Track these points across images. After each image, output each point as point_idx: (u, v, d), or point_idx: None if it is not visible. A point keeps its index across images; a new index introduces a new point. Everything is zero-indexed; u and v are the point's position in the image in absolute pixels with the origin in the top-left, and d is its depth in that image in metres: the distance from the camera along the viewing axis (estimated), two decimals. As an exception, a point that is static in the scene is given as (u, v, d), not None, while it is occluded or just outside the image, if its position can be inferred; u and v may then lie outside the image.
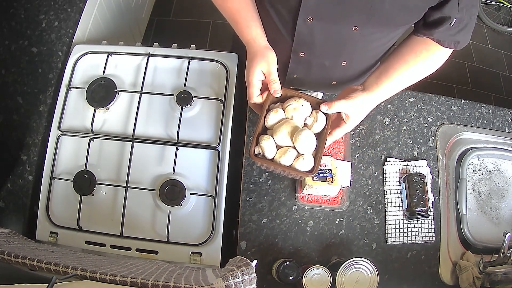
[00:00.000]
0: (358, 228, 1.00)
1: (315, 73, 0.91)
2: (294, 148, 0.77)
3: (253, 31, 0.77)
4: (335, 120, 0.81)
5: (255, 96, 0.76)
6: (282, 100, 0.81)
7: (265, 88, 0.78)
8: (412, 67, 0.79)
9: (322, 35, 0.76)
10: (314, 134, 0.78)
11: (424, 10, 0.70)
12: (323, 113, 0.79)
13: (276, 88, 0.75)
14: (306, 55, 0.83)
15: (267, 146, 0.76)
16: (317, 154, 0.78)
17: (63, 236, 0.97)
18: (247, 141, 1.05)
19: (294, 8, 0.71)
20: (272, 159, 0.77)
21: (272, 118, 0.78)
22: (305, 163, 0.76)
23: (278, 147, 0.78)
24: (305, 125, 0.80)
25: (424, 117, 1.11)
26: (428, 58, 0.79)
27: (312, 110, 0.80)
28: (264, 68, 0.75)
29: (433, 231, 1.01)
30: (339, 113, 0.80)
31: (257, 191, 1.01)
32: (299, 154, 0.77)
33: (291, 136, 0.76)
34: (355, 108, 0.77)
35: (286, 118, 0.79)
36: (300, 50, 0.82)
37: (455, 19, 0.71)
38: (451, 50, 0.80)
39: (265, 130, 0.81)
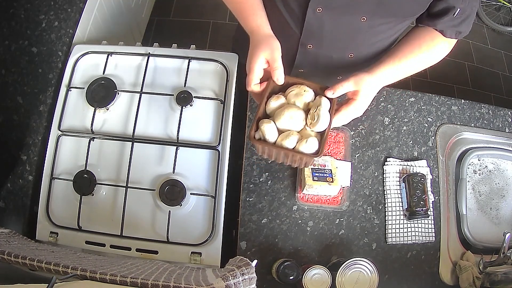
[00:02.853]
0: (358, 228, 1.00)
1: (322, 66, 0.91)
2: (298, 132, 0.74)
3: (258, 19, 0.76)
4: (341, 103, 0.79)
5: (253, 84, 0.74)
6: (283, 90, 0.78)
7: (266, 77, 0.76)
8: (417, 56, 0.80)
9: (331, 26, 0.77)
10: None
11: (430, 0, 0.72)
12: (328, 98, 0.75)
13: (279, 75, 0.73)
14: (314, 47, 0.83)
15: (268, 130, 0.72)
16: (322, 137, 0.73)
17: (63, 236, 0.97)
18: (247, 141, 1.05)
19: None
20: (274, 143, 0.73)
21: (273, 103, 0.75)
22: (309, 146, 0.72)
23: (280, 132, 0.74)
24: (308, 110, 0.76)
25: (424, 117, 1.11)
26: (433, 47, 0.80)
27: (315, 96, 0.77)
28: (268, 55, 0.72)
29: (433, 231, 1.01)
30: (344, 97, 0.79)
31: (257, 191, 1.01)
32: (302, 137, 0.73)
33: (293, 120, 0.72)
34: (360, 86, 0.75)
35: (288, 103, 0.76)
36: (308, 42, 0.82)
37: (458, 9, 0.73)
38: (454, 41, 0.82)
39: (266, 117, 0.77)
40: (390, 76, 0.79)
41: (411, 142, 1.09)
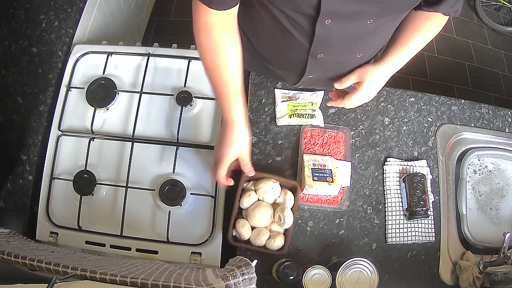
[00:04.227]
0: (358, 228, 1.00)
1: (331, 70, 0.93)
2: (266, 228, 0.90)
3: (232, 114, 0.80)
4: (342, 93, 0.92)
5: (222, 176, 0.84)
6: (254, 178, 0.92)
7: (234, 165, 0.86)
8: (418, 38, 0.85)
9: (340, 34, 0.78)
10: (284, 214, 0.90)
11: None
12: (292, 192, 0.93)
13: (249, 171, 0.87)
14: (324, 56, 0.84)
15: (243, 230, 0.89)
16: (287, 232, 0.91)
17: (63, 236, 0.97)
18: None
19: (312, 15, 0.72)
20: (248, 240, 0.90)
21: (246, 202, 0.90)
22: (276, 243, 0.89)
23: (253, 228, 0.90)
24: (276, 204, 0.92)
25: (424, 117, 1.11)
26: (430, 27, 0.85)
27: (281, 190, 0.93)
28: (239, 153, 0.83)
29: (433, 231, 1.01)
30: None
31: (257, 191, 1.01)
32: (271, 235, 0.89)
33: (263, 218, 0.89)
34: (363, 77, 0.86)
35: (258, 200, 0.91)
36: (318, 52, 0.83)
37: None
38: (447, 17, 0.86)
39: (241, 210, 0.93)
40: (397, 63, 0.87)
41: (411, 142, 1.09)
